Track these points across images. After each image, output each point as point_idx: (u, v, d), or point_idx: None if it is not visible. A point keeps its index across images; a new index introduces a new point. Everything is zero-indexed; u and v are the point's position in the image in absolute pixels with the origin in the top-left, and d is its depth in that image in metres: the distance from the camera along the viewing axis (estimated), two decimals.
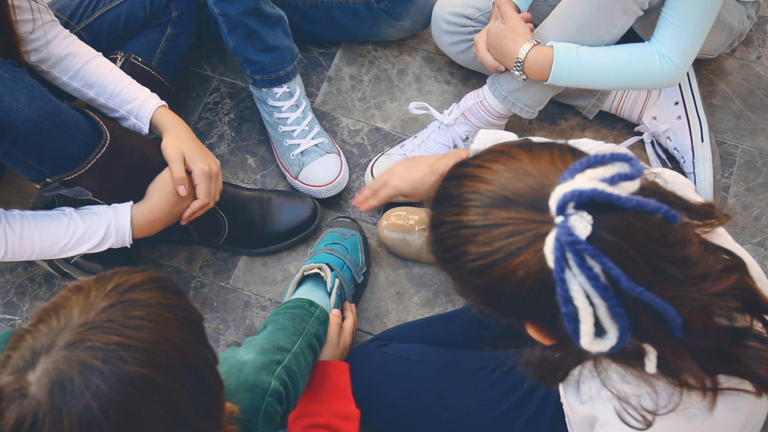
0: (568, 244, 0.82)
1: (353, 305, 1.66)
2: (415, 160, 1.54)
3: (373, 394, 1.48)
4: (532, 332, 0.98)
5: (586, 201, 0.83)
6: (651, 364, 0.95)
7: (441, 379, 1.45)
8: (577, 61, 1.55)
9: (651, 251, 0.87)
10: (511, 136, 1.44)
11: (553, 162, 0.91)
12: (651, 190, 0.92)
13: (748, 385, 1.00)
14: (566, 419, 1.21)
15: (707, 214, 1.00)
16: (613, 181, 0.84)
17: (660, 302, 0.85)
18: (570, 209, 0.84)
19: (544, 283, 0.87)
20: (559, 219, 0.84)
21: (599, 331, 0.86)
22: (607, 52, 1.57)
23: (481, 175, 0.92)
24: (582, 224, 0.83)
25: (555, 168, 0.89)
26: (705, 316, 0.94)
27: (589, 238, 0.83)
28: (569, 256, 0.83)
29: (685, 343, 0.93)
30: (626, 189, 0.86)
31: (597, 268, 0.83)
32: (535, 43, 1.57)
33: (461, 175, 0.95)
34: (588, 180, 0.84)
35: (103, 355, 0.81)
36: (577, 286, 0.84)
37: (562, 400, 1.19)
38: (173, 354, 0.85)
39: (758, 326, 1.02)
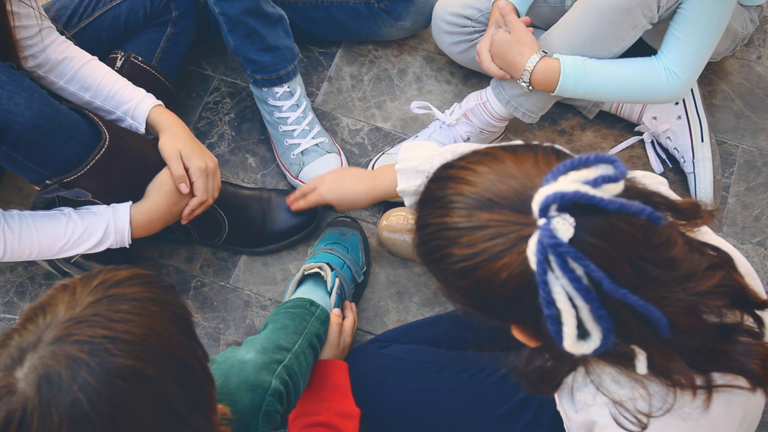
0: (550, 246, 0.82)
1: (353, 304, 1.66)
2: (346, 172, 1.61)
3: (373, 396, 1.48)
4: (517, 334, 0.98)
5: (568, 203, 0.83)
6: (641, 365, 0.95)
7: (440, 381, 1.45)
8: (584, 75, 1.55)
9: (634, 253, 0.87)
10: (432, 146, 1.47)
11: (537, 164, 0.91)
12: (635, 191, 0.92)
13: (742, 381, 1.00)
14: (564, 425, 1.21)
15: (693, 213, 0.99)
16: (596, 183, 0.84)
17: (644, 304, 0.85)
18: (552, 211, 0.84)
19: (528, 285, 0.87)
20: (541, 221, 0.84)
21: (582, 333, 0.86)
22: (613, 66, 1.56)
23: (466, 176, 0.92)
24: (564, 227, 0.83)
25: (539, 170, 0.89)
26: (692, 315, 0.94)
27: (571, 240, 0.83)
28: (551, 258, 0.83)
29: (673, 343, 0.93)
30: (609, 191, 0.85)
31: (579, 271, 0.83)
32: (543, 54, 1.57)
33: (446, 177, 0.95)
34: (571, 182, 0.84)
35: (89, 348, 0.81)
36: (559, 288, 0.84)
37: (559, 407, 1.19)
38: (161, 346, 0.85)
39: (748, 321, 1.02)
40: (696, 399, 0.99)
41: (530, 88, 1.60)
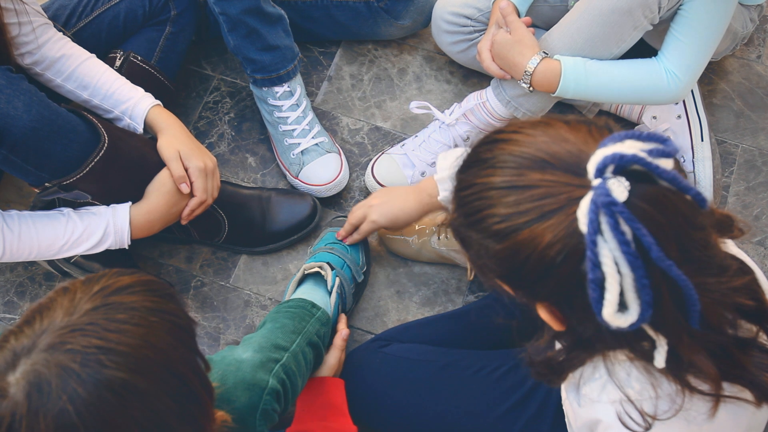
0: (605, 205, 0.81)
1: (345, 317, 1.65)
2: (390, 193, 1.59)
3: (374, 395, 1.49)
4: (543, 314, 0.96)
5: (625, 166, 0.83)
6: (660, 357, 0.94)
7: (442, 380, 1.45)
8: (584, 76, 1.55)
9: (681, 229, 0.86)
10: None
11: (591, 134, 0.90)
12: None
13: (747, 395, 0.99)
14: (566, 420, 1.20)
15: (726, 226, 0.99)
16: (651, 153, 0.84)
17: (685, 280, 0.84)
18: (608, 173, 0.83)
19: (572, 250, 0.86)
20: (596, 181, 0.83)
21: (621, 306, 0.85)
22: (614, 68, 1.56)
23: (517, 138, 0.91)
24: (620, 189, 0.82)
25: (593, 138, 0.89)
26: (721, 310, 0.94)
27: (624, 203, 0.82)
28: (603, 219, 0.82)
29: (698, 336, 0.93)
30: (663, 165, 0.85)
31: (629, 235, 0.82)
32: (544, 55, 1.57)
33: (495, 140, 0.94)
34: (629, 147, 0.84)
35: (81, 358, 0.81)
36: (607, 251, 0.83)
37: (564, 402, 1.19)
38: (156, 359, 0.85)
39: (762, 338, 1.01)
40: (704, 404, 0.98)
41: (531, 89, 1.60)
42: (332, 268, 1.62)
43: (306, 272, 1.62)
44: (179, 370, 0.87)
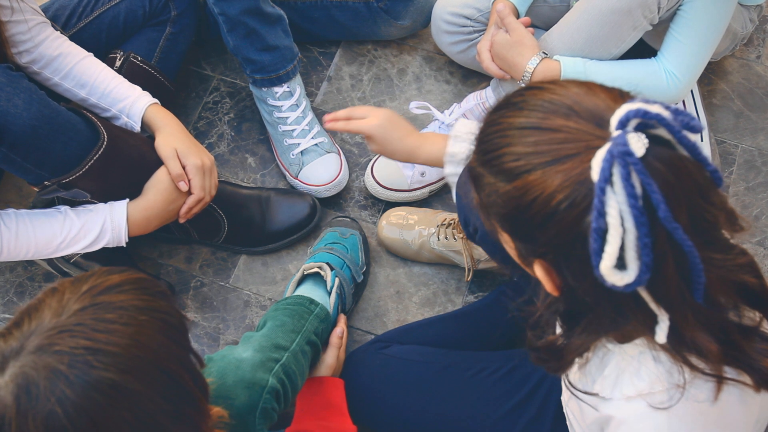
0: (620, 155, 0.81)
1: (344, 317, 1.65)
2: (401, 120, 1.49)
3: (374, 396, 1.48)
4: (539, 271, 0.96)
5: (648, 123, 0.83)
6: (662, 332, 0.93)
7: (442, 381, 1.45)
8: (584, 77, 1.55)
9: (693, 198, 0.86)
10: None
11: (622, 96, 0.91)
12: None
13: (747, 378, 0.99)
14: (567, 422, 1.20)
15: (733, 219, 0.99)
16: (676, 120, 0.84)
17: (690, 245, 0.84)
18: (630, 127, 0.84)
19: (577, 199, 0.86)
20: (617, 133, 0.84)
21: (620, 266, 0.85)
22: (614, 69, 1.56)
23: (551, 87, 0.93)
24: (638, 144, 0.83)
25: (623, 99, 0.90)
26: (725, 288, 0.94)
27: (640, 159, 0.82)
28: (616, 170, 0.82)
29: (700, 313, 0.92)
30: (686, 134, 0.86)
31: (639, 190, 0.82)
32: (543, 56, 1.57)
33: (530, 88, 0.95)
34: (655, 108, 0.84)
35: (69, 359, 0.81)
36: (614, 202, 0.83)
37: (565, 403, 1.18)
38: (146, 358, 0.84)
39: (765, 327, 1.01)
40: (704, 384, 0.97)
41: None
42: (332, 269, 1.62)
43: (305, 272, 1.62)
44: (170, 369, 0.87)
